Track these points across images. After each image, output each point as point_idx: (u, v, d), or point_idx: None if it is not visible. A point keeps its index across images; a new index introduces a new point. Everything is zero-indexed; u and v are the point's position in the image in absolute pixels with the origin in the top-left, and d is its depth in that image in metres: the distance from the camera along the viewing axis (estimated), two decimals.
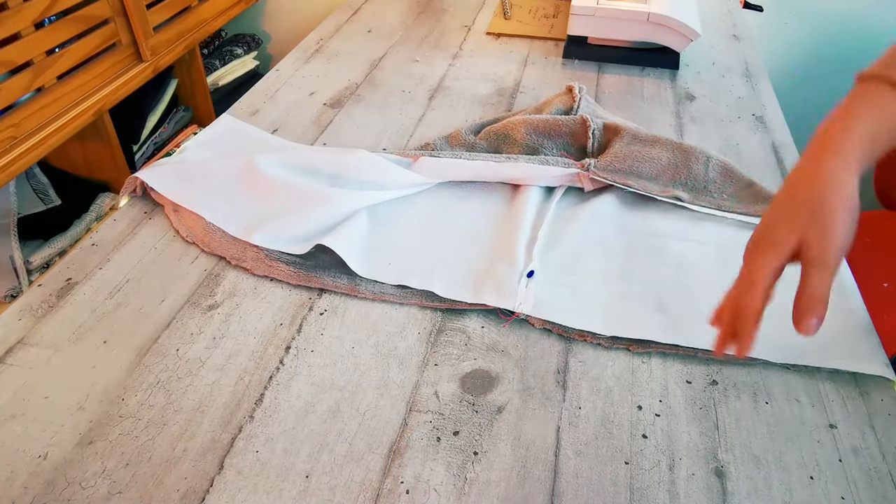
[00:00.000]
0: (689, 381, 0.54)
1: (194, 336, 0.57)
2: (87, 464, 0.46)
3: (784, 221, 0.44)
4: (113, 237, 0.67)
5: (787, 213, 0.45)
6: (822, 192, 0.44)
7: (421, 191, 0.73)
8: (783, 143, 0.86)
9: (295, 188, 0.69)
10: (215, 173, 0.72)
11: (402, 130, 0.86)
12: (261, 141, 0.82)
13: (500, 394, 0.53)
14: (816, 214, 0.43)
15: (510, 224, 0.68)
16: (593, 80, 1.00)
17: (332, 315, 0.59)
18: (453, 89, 0.97)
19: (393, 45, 1.11)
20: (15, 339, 0.56)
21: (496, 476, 0.47)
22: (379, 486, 0.46)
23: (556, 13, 1.23)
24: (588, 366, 0.55)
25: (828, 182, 0.44)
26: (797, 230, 0.44)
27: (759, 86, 1.00)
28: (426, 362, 0.55)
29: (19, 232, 1.13)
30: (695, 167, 0.74)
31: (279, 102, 0.92)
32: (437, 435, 0.49)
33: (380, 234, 0.67)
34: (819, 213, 0.43)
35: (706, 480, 0.47)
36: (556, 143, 0.77)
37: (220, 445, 0.48)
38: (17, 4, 0.94)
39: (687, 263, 0.64)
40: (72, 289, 0.61)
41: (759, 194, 0.72)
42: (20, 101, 0.98)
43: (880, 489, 0.47)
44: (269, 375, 0.53)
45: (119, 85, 1.15)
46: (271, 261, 0.63)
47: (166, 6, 1.25)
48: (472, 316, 0.59)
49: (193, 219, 0.68)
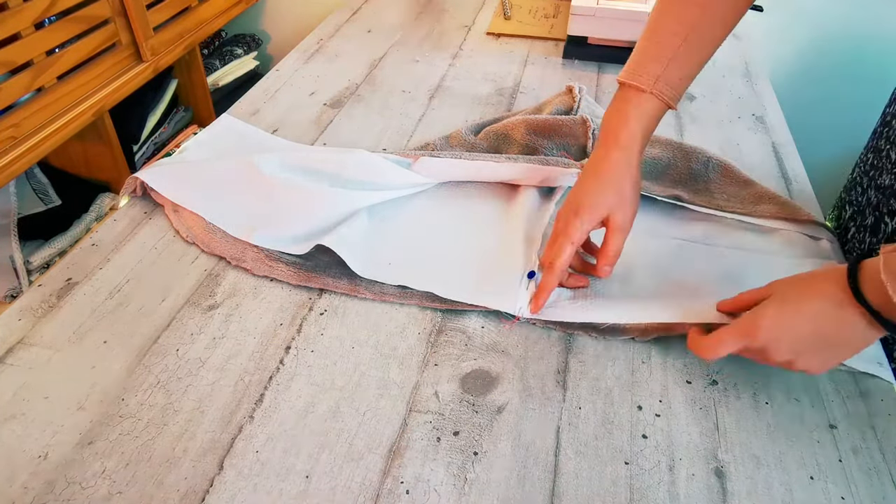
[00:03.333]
0: (689, 381, 0.54)
1: (194, 336, 0.56)
2: (87, 464, 0.46)
3: (597, 195, 0.58)
4: (113, 237, 0.67)
5: (597, 188, 0.58)
6: (621, 179, 0.58)
7: (421, 191, 0.73)
8: (783, 143, 0.86)
9: (295, 188, 0.69)
10: (215, 173, 0.72)
11: (402, 130, 0.86)
12: (261, 141, 0.82)
13: (500, 394, 0.53)
14: (619, 194, 0.58)
15: (510, 224, 0.68)
16: (593, 80, 1.00)
17: (332, 315, 0.59)
18: (453, 89, 0.97)
19: (393, 45, 1.11)
20: (15, 339, 0.56)
21: (496, 476, 0.47)
22: (379, 486, 0.46)
23: (556, 13, 1.23)
24: (588, 366, 0.55)
25: (624, 171, 0.58)
26: (606, 204, 0.58)
27: (759, 86, 1.00)
28: (426, 362, 0.55)
29: (19, 232, 1.13)
30: (695, 167, 0.74)
31: (279, 102, 0.92)
32: (437, 435, 0.49)
33: (380, 235, 0.67)
34: (621, 194, 0.58)
35: (706, 480, 0.47)
36: (556, 144, 0.77)
37: (220, 446, 0.48)
38: (17, 4, 0.93)
39: (687, 264, 0.64)
40: (72, 289, 0.61)
41: (759, 194, 0.72)
42: (20, 102, 0.98)
43: (880, 489, 0.47)
44: (269, 376, 0.53)
45: (119, 85, 1.15)
46: (271, 261, 0.63)
47: (166, 6, 1.25)
48: (472, 316, 0.59)
49: (193, 219, 0.68)
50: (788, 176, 0.79)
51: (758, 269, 0.64)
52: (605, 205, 0.57)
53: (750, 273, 0.63)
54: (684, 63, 0.58)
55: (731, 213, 0.70)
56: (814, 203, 0.75)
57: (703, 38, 0.57)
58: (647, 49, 0.58)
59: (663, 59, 0.57)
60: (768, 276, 0.63)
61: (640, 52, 0.59)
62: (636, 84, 0.58)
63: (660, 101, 0.58)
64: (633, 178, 0.58)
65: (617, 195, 0.58)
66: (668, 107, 0.59)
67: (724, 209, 0.71)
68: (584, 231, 0.58)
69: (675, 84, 0.58)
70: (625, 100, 0.59)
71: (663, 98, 0.57)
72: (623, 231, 0.58)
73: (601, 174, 0.58)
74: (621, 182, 0.58)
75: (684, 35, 0.56)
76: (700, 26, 0.56)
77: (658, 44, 0.58)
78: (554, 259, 0.58)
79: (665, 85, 0.57)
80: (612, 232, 0.58)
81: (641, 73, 0.58)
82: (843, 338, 0.46)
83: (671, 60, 0.57)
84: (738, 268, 0.64)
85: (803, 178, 0.79)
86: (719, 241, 0.68)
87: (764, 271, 0.64)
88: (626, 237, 0.58)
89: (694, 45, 0.57)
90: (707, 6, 0.56)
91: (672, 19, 0.57)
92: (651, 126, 0.59)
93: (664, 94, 0.57)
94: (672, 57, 0.57)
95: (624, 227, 0.58)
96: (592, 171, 0.59)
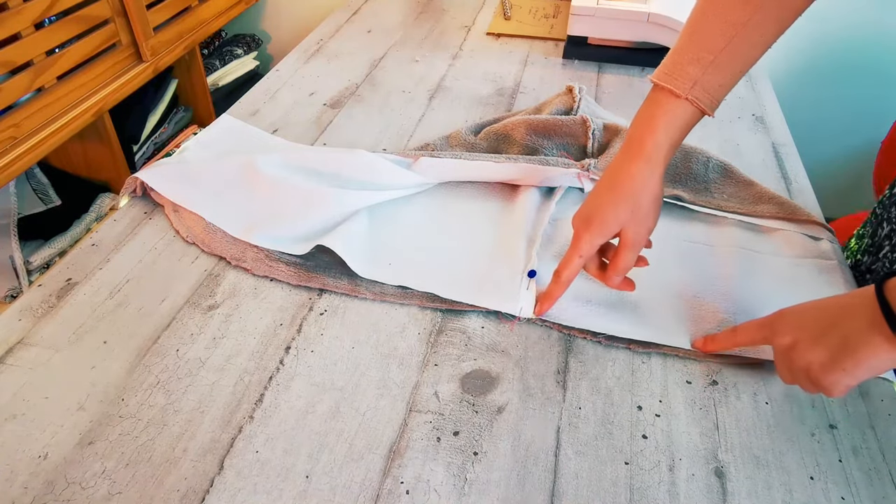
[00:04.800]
0: (689, 382, 0.54)
1: (194, 336, 0.57)
2: (87, 464, 0.46)
3: (610, 209, 0.54)
4: (113, 237, 0.67)
5: (611, 202, 0.54)
6: (638, 193, 0.54)
7: (421, 191, 0.73)
8: (783, 143, 0.86)
9: (295, 188, 0.69)
10: (215, 173, 0.72)
11: (402, 131, 0.86)
12: (261, 141, 0.82)
13: (500, 394, 0.53)
14: (635, 210, 0.54)
15: (510, 224, 0.68)
16: (593, 80, 1.00)
17: (332, 315, 0.59)
18: (453, 89, 0.97)
19: (393, 46, 1.11)
20: (15, 339, 0.56)
21: (496, 476, 0.47)
22: (379, 486, 0.46)
23: (556, 13, 1.23)
24: (588, 366, 0.55)
25: (643, 185, 0.54)
26: (618, 220, 0.54)
27: (759, 86, 1.00)
28: (426, 362, 0.55)
29: (19, 232, 1.13)
30: (695, 167, 0.74)
31: (279, 103, 0.92)
32: (437, 435, 0.49)
33: (380, 235, 0.67)
34: (637, 209, 0.54)
35: (706, 481, 0.47)
36: (556, 144, 0.77)
37: (220, 446, 0.48)
38: (17, 4, 0.94)
39: (687, 263, 0.64)
40: (72, 289, 0.61)
41: (759, 194, 0.72)
42: (20, 102, 0.98)
43: (881, 489, 0.47)
44: (269, 376, 0.53)
45: (119, 85, 1.15)
46: (271, 261, 0.63)
47: (166, 6, 1.25)
48: (472, 316, 0.59)
49: (193, 219, 0.68)
50: (788, 176, 0.79)
51: (758, 269, 0.64)
52: (618, 221, 0.54)
53: (750, 273, 0.63)
54: (726, 67, 0.52)
55: (731, 213, 0.70)
56: (814, 203, 0.75)
57: (752, 40, 0.51)
58: (685, 49, 0.53)
59: (703, 62, 0.51)
60: (768, 276, 0.63)
61: (677, 52, 0.53)
62: (670, 88, 0.52)
63: (695, 108, 0.52)
64: (653, 193, 0.54)
65: (631, 211, 0.54)
66: (703, 114, 0.53)
67: (724, 209, 0.71)
68: (593, 245, 0.55)
69: (714, 90, 0.52)
70: (656, 104, 0.53)
71: (699, 105, 0.52)
72: (634, 247, 0.55)
73: (617, 186, 0.54)
74: (638, 196, 0.54)
75: (730, 36, 0.50)
76: (749, 26, 0.50)
77: (699, 43, 0.52)
78: (561, 270, 0.56)
79: (702, 90, 0.52)
80: (622, 247, 0.55)
81: (678, 75, 0.52)
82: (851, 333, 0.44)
83: (712, 64, 0.51)
84: (738, 268, 0.64)
85: (803, 178, 0.79)
86: (719, 242, 0.67)
87: (764, 271, 0.64)
88: (639, 252, 0.56)
89: (740, 47, 0.51)
90: (755, 13, 0.50)
91: (717, 17, 0.51)
92: (681, 136, 0.54)
93: (701, 100, 0.52)
94: (713, 60, 0.51)
95: (636, 244, 0.55)
96: (609, 181, 0.55)
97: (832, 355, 0.44)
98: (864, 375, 0.43)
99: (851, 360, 0.43)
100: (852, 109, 1.54)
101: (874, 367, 0.42)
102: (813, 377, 0.45)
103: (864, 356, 0.42)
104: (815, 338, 0.45)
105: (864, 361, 0.42)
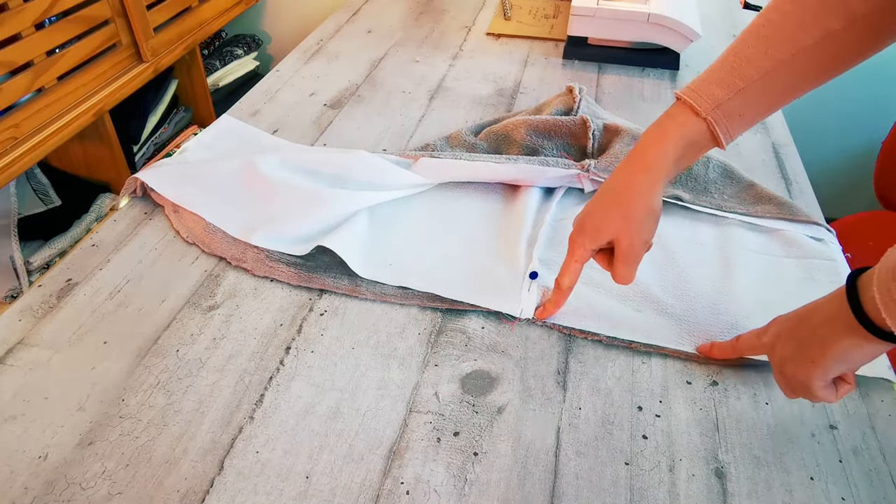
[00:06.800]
0: (689, 382, 0.54)
1: (194, 337, 0.56)
2: (88, 464, 0.46)
3: (603, 216, 0.53)
4: (113, 238, 0.67)
5: (604, 207, 0.53)
6: (632, 202, 0.52)
7: (421, 192, 0.73)
8: (783, 144, 0.86)
9: (295, 189, 0.69)
10: (216, 174, 0.72)
11: (402, 131, 0.86)
12: (261, 142, 0.82)
13: (500, 394, 0.52)
14: (627, 217, 0.52)
15: (511, 225, 0.68)
16: (593, 80, 1.00)
17: (332, 316, 0.59)
18: (453, 90, 0.97)
19: (393, 46, 1.11)
20: (15, 339, 0.56)
21: (496, 477, 0.47)
22: (379, 486, 0.46)
23: (556, 14, 1.23)
24: (588, 366, 0.55)
25: (637, 194, 0.52)
26: (610, 228, 0.53)
27: None
28: (426, 363, 0.55)
29: (19, 232, 1.13)
30: (695, 168, 0.74)
31: (279, 103, 0.92)
32: (438, 436, 0.49)
33: (380, 235, 0.67)
34: (629, 217, 0.52)
35: (706, 481, 0.47)
36: (556, 144, 0.77)
37: (220, 446, 0.48)
38: (17, 5, 0.94)
39: (688, 264, 0.64)
40: (72, 289, 0.61)
41: (759, 195, 0.72)
42: (21, 102, 0.98)
43: (881, 490, 0.47)
44: (270, 376, 0.53)
45: (119, 85, 1.15)
46: (272, 261, 0.63)
47: (167, 7, 1.25)
48: (472, 316, 0.59)
49: (194, 219, 0.68)
50: (789, 176, 0.79)
51: (758, 269, 0.64)
52: (609, 229, 0.53)
53: (750, 273, 0.63)
54: (753, 100, 0.50)
55: (731, 214, 0.70)
56: (814, 203, 0.75)
57: (787, 80, 0.49)
58: (718, 71, 0.51)
59: (733, 88, 0.49)
60: (768, 277, 0.63)
61: (709, 72, 0.51)
62: (692, 103, 0.50)
63: (709, 131, 0.50)
64: (647, 203, 0.52)
65: (623, 220, 0.52)
66: (715, 142, 0.51)
67: (724, 209, 0.71)
68: (588, 251, 0.54)
69: (734, 119, 0.50)
70: (672, 117, 0.52)
71: (714, 129, 0.50)
72: (629, 259, 0.52)
73: (613, 192, 0.54)
74: (631, 206, 0.52)
75: (767, 69, 0.49)
76: (789, 65, 0.48)
77: (733, 69, 0.50)
78: (562, 278, 0.56)
79: (722, 115, 0.50)
80: (617, 259, 0.53)
81: (702, 93, 0.50)
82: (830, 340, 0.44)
83: (740, 92, 0.49)
84: (738, 268, 0.64)
85: (803, 179, 0.79)
86: (719, 242, 0.67)
87: (764, 271, 0.64)
88: (636, 265, 0.53)
89: (774, 84, 0.49)
90: (797, 55, 0.48)
91: (759, 48, 0.49)
92: (688, 153, 0.52)
93: (718, 124, 0.50)
94: (743, 88, 0.49)
95: (629, 255, 0.52)
96: (606, 188, 0.54)
97: (800, 346, 0.45)
98: (833, 367, 0.43)
99: (818, 349, 0.43)
100: (852, 109, 1.54)
101: (842, 356, 0.42)
102: (788, 375, 0.46)
103: (829, 344, 0.43)
104: (790, 333, 0.46)
105: (830, 350, 0.43)
